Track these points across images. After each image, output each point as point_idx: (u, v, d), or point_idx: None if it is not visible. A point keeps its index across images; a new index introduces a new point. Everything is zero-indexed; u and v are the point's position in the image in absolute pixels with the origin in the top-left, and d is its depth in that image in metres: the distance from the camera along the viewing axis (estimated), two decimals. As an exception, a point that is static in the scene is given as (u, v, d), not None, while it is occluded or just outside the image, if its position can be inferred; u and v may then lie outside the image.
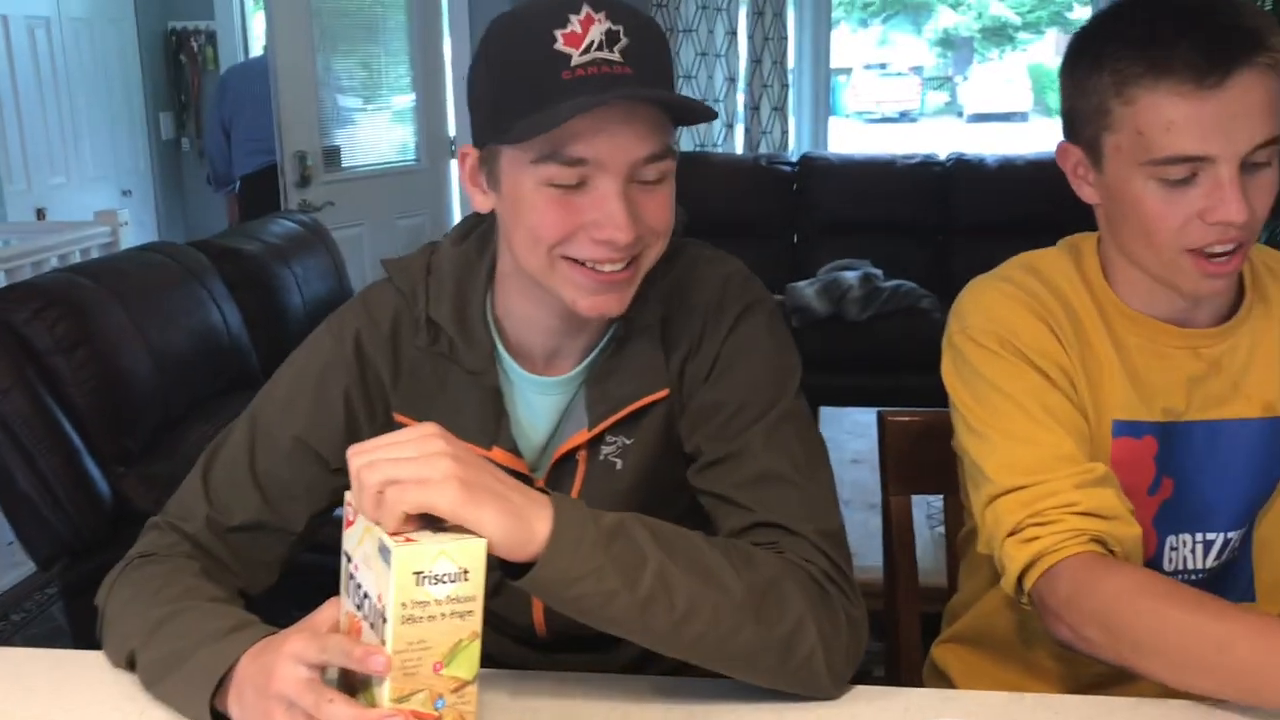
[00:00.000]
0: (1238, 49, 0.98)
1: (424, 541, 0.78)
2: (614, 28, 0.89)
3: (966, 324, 1.12)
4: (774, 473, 0.99)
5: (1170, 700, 0.94)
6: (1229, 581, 1.16)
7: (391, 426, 1.04)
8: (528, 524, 0.84)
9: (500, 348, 1.06)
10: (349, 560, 0.84)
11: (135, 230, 4.61)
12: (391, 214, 4.24)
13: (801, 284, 4.09)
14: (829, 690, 0.95)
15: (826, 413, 2.97)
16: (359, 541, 0.82)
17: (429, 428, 0.83)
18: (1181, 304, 1.11)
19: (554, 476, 1.05)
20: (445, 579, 0.77)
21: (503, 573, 0.87)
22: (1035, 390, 1.08)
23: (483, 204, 1.00)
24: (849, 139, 12.30)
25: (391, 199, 4.23)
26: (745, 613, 0.90)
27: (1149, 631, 0.94)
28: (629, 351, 1.03)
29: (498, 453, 1.02)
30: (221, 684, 0.88)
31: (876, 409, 1.43)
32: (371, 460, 0.80)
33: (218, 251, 2.84)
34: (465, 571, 0.78)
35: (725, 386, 1.02)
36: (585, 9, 0.89)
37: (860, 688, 0.97)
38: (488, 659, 1.07)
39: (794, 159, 4.57)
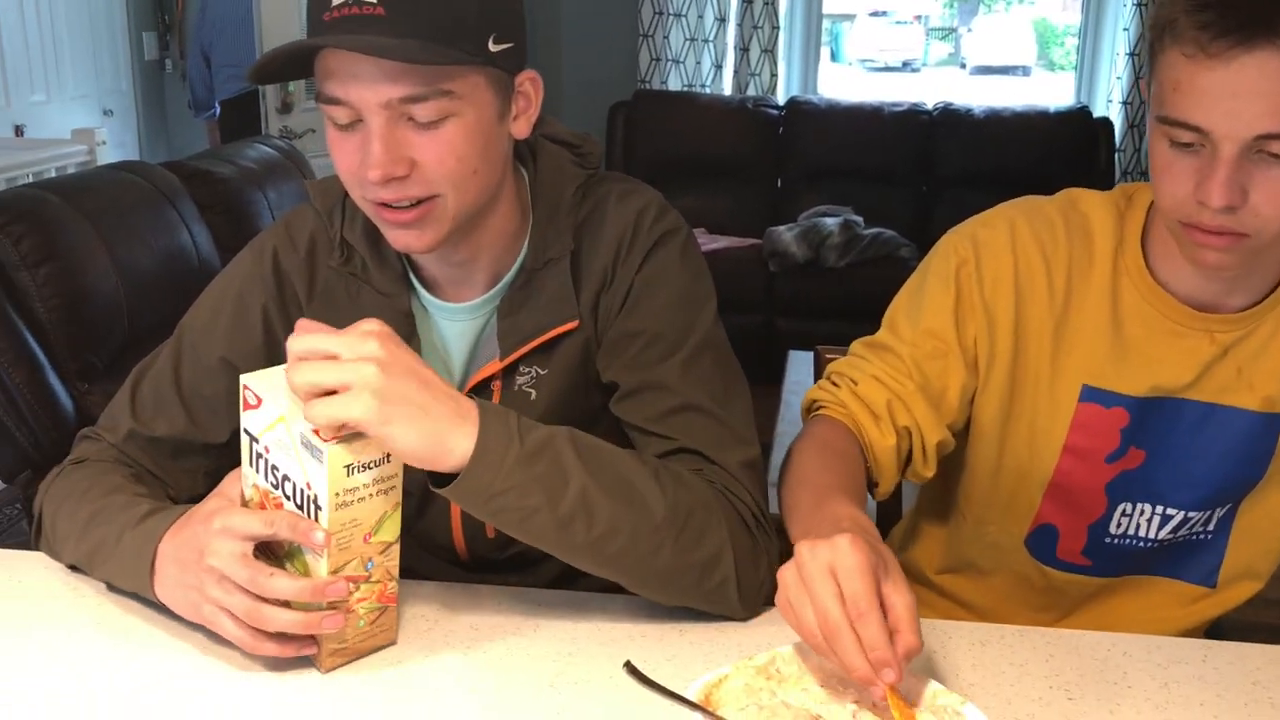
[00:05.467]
0: (1263, 23, 0.89)
1: (350, 437, 0.83)
2: None
3: (960, 233, 1.13)
4: (692, 404, 1.01)
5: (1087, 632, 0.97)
6: (1189, 561, 1.17)
7: None
8: (444, 440, 0.84)
9: (410, 273, 1.07)
10: (255, 440, 0.87)
11: (116, 151, 4.56)
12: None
13: (781, 228, 4.09)
14: (740, 613, 0.98)
15: (796, 356, 2.99)
16: (267, 426, 0.85)
17: (371, 324, 0.84)
18: (1208, 286, 1.05)
19: None
20: (371, 465, 0.84)
21: (427, 480, 0.89)
22: (940, 317, 1.10)
23: None
24: (851, 86, 12.17)
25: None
26: (665, 534, 0.92)
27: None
28: (538, 283, 1.04)
29: None
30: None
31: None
32: (302, 354, 0.82)
33: (190, 173, 2.82)
34: (387, 456, 0.85)
35: (639, 316, 1.03)
36: None
37: (774, 611, 0.99)
38: (419, 577, 1.10)
39: (781, 103, 4.55)
